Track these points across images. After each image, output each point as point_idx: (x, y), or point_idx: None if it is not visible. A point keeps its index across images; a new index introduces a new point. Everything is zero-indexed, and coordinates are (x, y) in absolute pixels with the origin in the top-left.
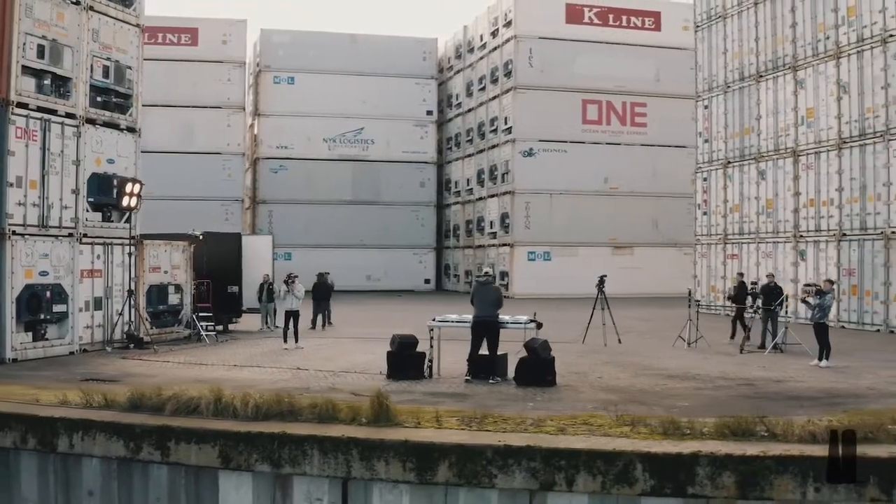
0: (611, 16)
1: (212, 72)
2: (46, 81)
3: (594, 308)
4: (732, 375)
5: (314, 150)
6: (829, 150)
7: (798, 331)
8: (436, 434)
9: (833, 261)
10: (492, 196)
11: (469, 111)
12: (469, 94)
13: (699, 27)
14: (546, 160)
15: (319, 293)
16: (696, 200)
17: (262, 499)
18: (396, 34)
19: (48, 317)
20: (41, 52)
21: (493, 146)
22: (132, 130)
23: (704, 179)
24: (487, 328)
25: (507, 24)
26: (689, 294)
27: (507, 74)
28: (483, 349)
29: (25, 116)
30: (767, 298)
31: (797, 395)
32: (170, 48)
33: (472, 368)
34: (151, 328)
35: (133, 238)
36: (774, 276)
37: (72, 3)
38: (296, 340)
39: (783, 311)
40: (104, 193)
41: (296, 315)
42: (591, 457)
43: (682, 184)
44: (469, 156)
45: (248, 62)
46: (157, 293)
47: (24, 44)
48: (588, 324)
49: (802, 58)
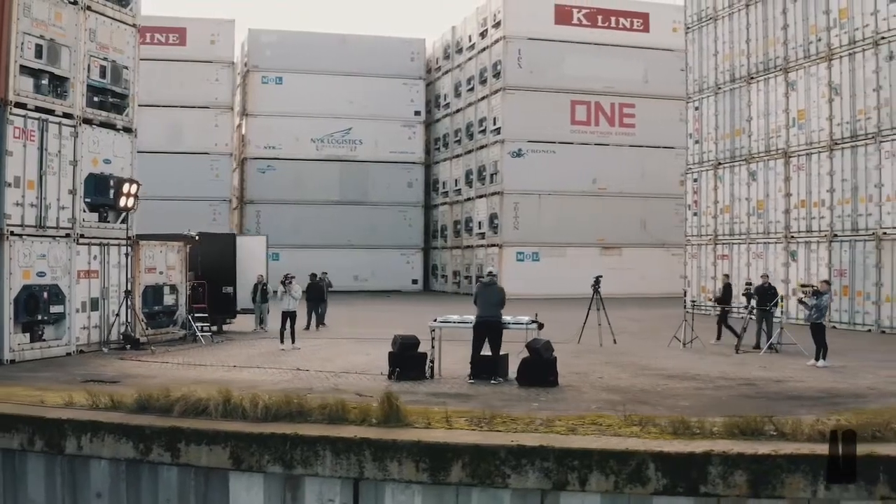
0: (599, 17)
1: (200, 72)
2: (44, 81)
3: (589, 308)
4: (732, 375)
5: (302, 151)
6: (821, 152)
7: (791, 331)
8: (449, 434)
9: (824, 261)
10: (480, 196)
11: (457, 111)
12: (457, 95)
13: (690, 29)
14: (535, 161)
15: (312, 294)
16: (687, 201)
17: (273, 500)
18: (384, 34)
19: (46, 318)
20: (39, 52)
21: (482, 147)
22: (128, 130)
23: (695, 180)
24: (490, 329)
25: (496, 25)
26: (685, 295)
27: (496, 75)
28: (485, 349)
29: (23, 116)
30: (762, 299)
31: (798, 395)
32: (158, 48)
33: (475, 369)
34: (147, 329)
35: (129, 238)
36: (769, 277)
37: (69, 3)
38: (292, 341)
39: (777, 312)
40: (101, 194)
41: (293, 316)
42: (604, 456)
43: (670, 185)
44: (457, 156)
45: (237, 62)
46: (153, 294)
47: (23, 43)
48: (584, 324)
49: (794, 60)
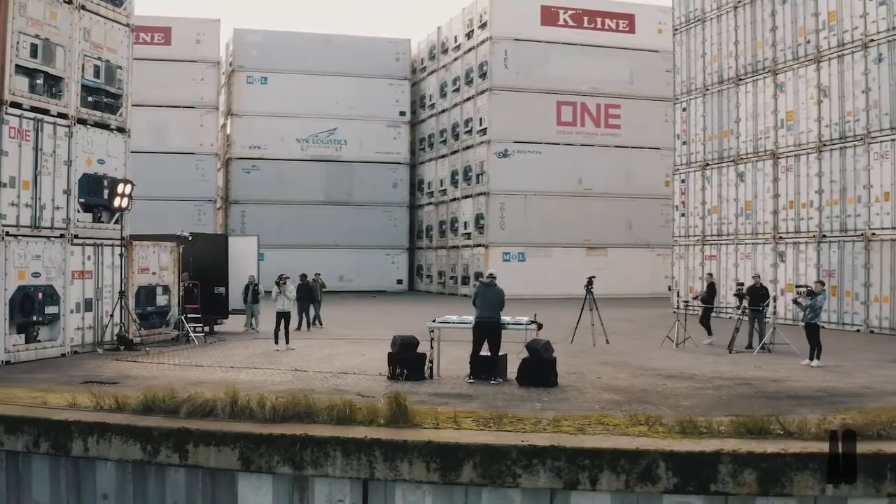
0: (585, 18)
1: (185, 71)
2: (39, 81)
3: (582, 308)
4: (728, 375)
5: (287, 151)
6: (809, 153)
7: (782, 331)
8: (459, 434)
9: (813, 262)
10: (466, 197)
11: (442, 112)
12: (443, 95)
13: (677, 30)
14: (521, 161)
15: (302, 295)
16: (674, 202)
17: (282, 500)
18: (369, 35)
19: (41, 318)
20: (34, 52)
21: (468, 147)
22: (122, 130)
23: (682, 181)
24: (490, 329)
25: (483, 26)
26: (677, 295)
27: (482, 76)
28: (484, 350)
29: (19, 116)
30: (754, 299)
31: (797, 395)
32: (143, 47)
33: (474, 369)
34: (140, 329)
35: (123, 239)
36: (760, 277)
37: (64, 2)
38: (286, 342)
39: (769, 312)
40: (95, 194)
41: (287, 316)
42: (615, 456)
43: (656, 185)
44: (442, 157)
45: (222, 62)
46: (146, 294)
47: (18, 43)
48: (577, 324)
49: (782, 62)
